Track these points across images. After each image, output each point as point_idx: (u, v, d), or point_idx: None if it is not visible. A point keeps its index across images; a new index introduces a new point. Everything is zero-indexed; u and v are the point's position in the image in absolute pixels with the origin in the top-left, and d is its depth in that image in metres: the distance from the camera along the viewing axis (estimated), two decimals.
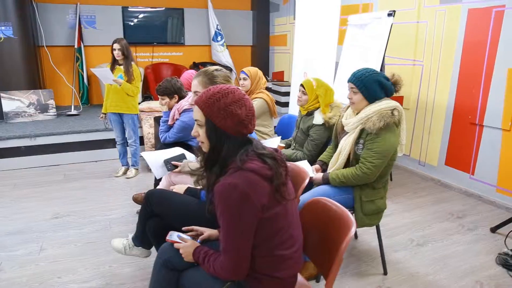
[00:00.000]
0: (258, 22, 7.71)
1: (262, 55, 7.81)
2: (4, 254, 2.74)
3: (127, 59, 3.91)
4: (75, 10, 6.50)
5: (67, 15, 6.57)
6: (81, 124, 5.00)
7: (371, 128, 2.13)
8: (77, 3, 6.47)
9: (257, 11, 7.68)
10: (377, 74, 2.22)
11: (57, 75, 6.33)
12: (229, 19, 7.53)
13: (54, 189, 3.95)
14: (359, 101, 2.23)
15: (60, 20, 6.52)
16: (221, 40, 7.21)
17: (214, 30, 7.20)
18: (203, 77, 2.04)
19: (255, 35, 7.83)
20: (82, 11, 6.59)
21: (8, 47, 5.41)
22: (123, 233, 2.96)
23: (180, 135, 2.96)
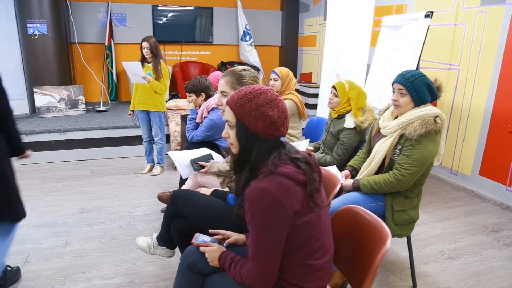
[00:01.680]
0: (287, 22, 7.64)
1: (290, 55, 7.73)
2: (32, 247, 2.78)
3: (155, 57, 3.91)
4: (106, 8, 6.60)
5: (99, 13, 6.68)
6: (109, 121, 5.05)
7: (412, 134, 2.02)
8: (108, 1, 6.57)
9: (286, 11, 7.62)
10: (426, 77, 2.11)
11: (88, 71, 6.44)
12: (258, 19, 7.49)
13: (81, 184, 4.00)
14: (405, 104, 2.11)
15: (92, 17, 6.64)
16: (250, 40, 7.18)
17: (242, 29, 7.18)
18: (230, 77, 1.99)
19: (283, 36, 7.77)
20: (114, 9, 6.69)
21: (42, 43, 5.54)
22: (147, 231, 2.96)
23: (208, 133, 2.93)
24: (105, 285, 2.35)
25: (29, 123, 4.97)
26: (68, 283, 2.37)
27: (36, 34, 5.49)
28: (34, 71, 5.59)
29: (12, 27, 5.66)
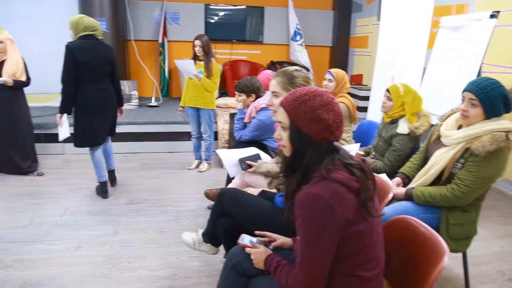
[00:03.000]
0: (338, 23, 7.50)
1: (340, 56, 7.59)
2: (84, 233, 2.91)
3: (207, 55, 3.97)
4: (161, 7, 6.80)
5: (154, 11, 6.90)
6: (160, 116, 5.20)
7: (479, 149, 1.84)
8: (163, 0, 6.77)
9: (338, 11, 7.48)
10: (502, 87, 1.88)
11: (141, 67, 6.67)
12: (309, 19, 7.41)
13: (131, 176, 4.14)
14: (475, 116, 1.91)
15: (148, 16, 6.88)
16: (300, 40, 7.12)
17: (293, 29, 7.13)
18: (281, 77, 1.97)
19: (334, 36, 7.63)
20: (168, 8, 6.88)
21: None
22: (192, 226, 3.00)
23: (256, 133, 2.92)
24: (150, 276, 2.41)
25: None
26: (116, 270, 2.46)
27: None
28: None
29: None
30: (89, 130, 3.36)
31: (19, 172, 4.08)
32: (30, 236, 2.87)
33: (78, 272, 2.43)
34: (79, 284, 2.32)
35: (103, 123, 3.45)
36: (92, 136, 3.41)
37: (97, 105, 3.36)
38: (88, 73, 3.23)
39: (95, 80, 3.29)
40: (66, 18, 5.82)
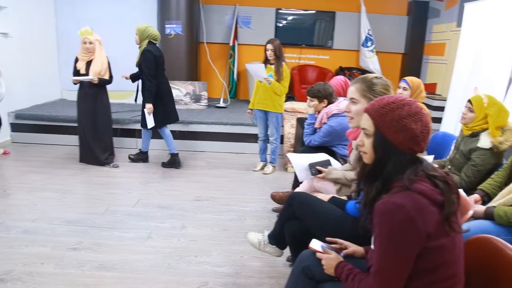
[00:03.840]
0: (413, 29, 7.21)
1: (413, 64, 7.28)
2: (154, 225, 3.07)
3: (278, 59, 4.01)
4: (233, 11, 6.99)
5: (226, 15, 7.11)
6: (228, 117, 5.34)
7: None
8: (236, 5, 6.95)
9: (413, 17, 7.19)
10: None
11: (211, 69, 6.89)
12: (381, 24, 7.20)
13: (198, 173, 4.30)
14: None
15: (220, 19, 7.10)
16: (371, 46, 6.94)
17: (364, 35, 6.97)
18: (361, 84, 1.93)
19: (408, 42, 7.35)
20: (240, 12, 7.05)
21: (176, 42, 6.11)
22: (256, 227, 3.04)
23: (325, 139, 2.91)
24: (214, 272, 2.48)
25: None
26: (182, 263, 2.56)
27: (172, 34, 6.06)
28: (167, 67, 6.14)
29: (153, 26, 6.31)
30: (165, 112, 4.32)
31: (97, 163, 4.41)
32: (107, 222, 3.09)
33: (148, 260, 2.57)
34: (149, 272, 2.45)
35: (171, 105, 4.44)
36: (167, 116, 4.38)
37: (168, 92, 4.40)
38: (160, 69, 4.23)
39: (162, 74, 4.31)
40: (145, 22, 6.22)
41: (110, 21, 6.16)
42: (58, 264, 2.51)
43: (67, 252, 2.65)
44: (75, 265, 2.50)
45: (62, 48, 6.51)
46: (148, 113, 4.16)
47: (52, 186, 3.84)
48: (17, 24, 5.44)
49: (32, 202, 3.44)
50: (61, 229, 2.97)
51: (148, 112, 4.15)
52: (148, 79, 4.06)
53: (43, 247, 2.70)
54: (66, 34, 6.37)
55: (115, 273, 2.42)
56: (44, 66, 6.18)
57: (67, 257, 2.58)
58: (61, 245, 2.73)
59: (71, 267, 2.47)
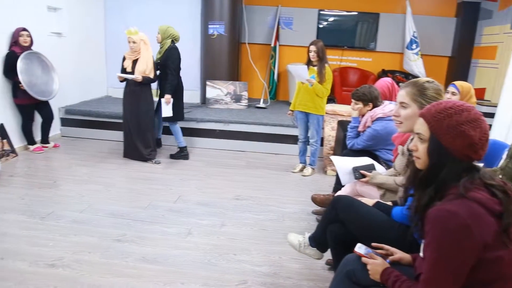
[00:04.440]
0: (461, 31, 6.94)
1: (460, 68, 7.01)
2: (194, 221, 3.14)
3: (321, 61, 3.99)
4: (275, 12, 7.00)
5: (268, 16, 7.14)
6: (268, 118, 5.36)
7: None
8: (278, 6, 6.96)
9: (462, 18, 6.91)
10: None
11: (252, 69, 6.94)
12: (428, 26, 6.97)
13: (237, 173, 4.35)
14: None
15: (262, 20, 7.14)
16: (416, 49, 6.75)
17: (409, 37, 6.78)
18: (411, 88, 1.88)
19: (455, 45, 7.08)
20: (282, 13, 7.05)
21: (218, 43, 6.20)
22: (295, 228, 3.03)
23: (369, 143, 2.86)
24: (253, 271, 2.50)
25: (200, 112, 5.61)
26: (222, 260, 2.60)
27: (215, 34, 6.15)
28: (208, 67, 6.29)
29: (196, 27, 6.48)
30: (180, 109, 4.69)
31: (140, 159, 4.55)
32: (149, 217, 3.19)
33: (188, 256, 2.63)
34: (189, 267, 2.50)
35: (182, 103, 4.78)
36: (181, 113, 4.74)
37: (182, 91, 4.72)
38: (179, 67, 4.56)
39: (179, 73, 4.61)
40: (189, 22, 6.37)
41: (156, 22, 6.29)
42: (103, 254, 2.61)
43: (112, 243, 2.75)
44: (119, 256, 2.59)
45: (109, 47, 6.78)
46: (166, 103, 4.45)
47: (97, 179, 4.00)
48: (70, 25, 5.72)
49: (80, 194, 3.60)
50: (106, 221, 3.09)
51: (166, 102, 4.44)
52: (173, 74, 4.45)
53: (90, 237, 2.82)
54: (114, 34, 6.63)
55: (157, 266, 2.49)
56: (92, 64, 6.46)
57: (112, 248, 2.69)
58: (106, 236, 2.84)
59: (116, 258, 2.57)
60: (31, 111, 4.74)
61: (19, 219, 3.09)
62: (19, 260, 2.51)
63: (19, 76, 4.33)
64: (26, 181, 3.90)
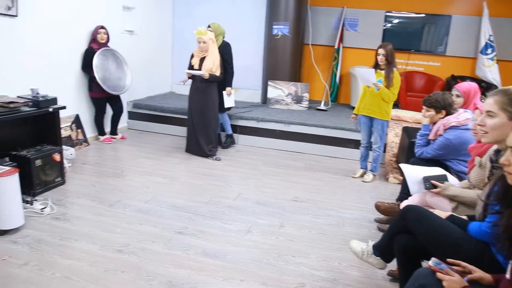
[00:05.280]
0: None
1: None
2: (253, 220, 3.17)
3: (389, 65, 3.86)
4: (340, 13, 6.87)
5: (333, 17, 7.02)
6: (328, 120, 5.28)
7: None
8: (344, 7, 6.82)
9: None
10: None
11: (314, 71, 6.87)
12: (506, 29, 6.48)
13: (296, 174, 4.33)
14: None
15: (326, 21, 7.03)
16: (491, 53, 6.31)
17: (485, 41, 6.35)
18: (501, 97, 1.74)
19: None
20: (347, 14, 6.91)
21: (282, 43, 6.21)
22: (356, 235, 2.96)
23: (440, 152, 2.73)
24: (311, 275, 2.47)
25: (260, 112, 5.66)
26: (280, 261, 2.60)
27: (279, 34, 6.17)
28: (271, 67, 6.32)
29: (260, 28, 6.53)
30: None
31: (202, 154, 4.68)
32: (210, 212, 3.26)
33: (247, 253, 2.66)
34: (248, 265, 2.53)
35: None
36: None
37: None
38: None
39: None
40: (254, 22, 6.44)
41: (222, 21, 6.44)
42: (166, 244, 2.72)
43: (174, 235, 2.86)
44: (181, 248, 2.68)
45: (176, 45, 7.04)
46: (228, 95, 4.81)
47: (161, 172, 4.17)
48: (141, 23, 6.01)
49: (145, 185, 3.77)
50: (169, 213, 3.21)
51: (227, 94, 4.80)
52: (231, 67, 4.81)
53: (154, 227, 2.95)
54: (180, 33, 6.88)
55: (217, 261, 2.55)
56: (159, 61, 6.74)
57: (174, 240, 2.79)
58: (169, 228, 2.95)
59: (177, 249, 2.66)
60: (103, 104, 5.04)
61: (90, 204, 3.30)
62: (91, 243, 2.69)
63: (94, 71, 4.62)
64: (96, 170, 4.16)
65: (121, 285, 2.26)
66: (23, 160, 3.35)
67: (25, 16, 3.98)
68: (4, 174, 2.69)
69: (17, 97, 3.61)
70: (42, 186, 3.48)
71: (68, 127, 4.70)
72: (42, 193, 3.45)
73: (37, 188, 3.43)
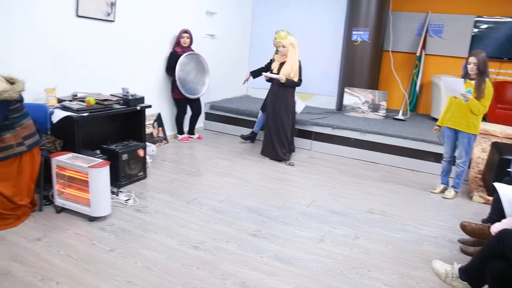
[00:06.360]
0: None
1: None
2: (327, 228, 3.12)
3: (481, 75, 3.59)
4: (424, 19, 6.54)
5: (416, 23, 6.70)
6: (406, 130, 5.05)
7: None
8: (428, 12, 6.49)
9: None
10: None
11: (393, 79, 6.60)
12: None
13: (370, 185, 4.19)
14: None
15: (408, 27, 6.73)
16: None
17: None
18: None
19: None
20: (431, 19, 6.56)
21: (361, 50, 6.06)
22: (436, 255, 2.79)
23: None
24: None
25: (335, 119, 5.56)
26: (354, 274, 2.52)
27: (358, 40, 6.02)
28: (348, 73, 6.19)
29: (339, 33, 6.43)
30: None
31: (275, 158, 4.73)
32: (283, 217, 3.27)
33: (320, 262, 2.62)
34: (322, 274, 2.49)
35: None
36: None
37: None
38: None
39: None
40: (332, 27, 6.36)
41: (300, 27, 6.48)
42: (240, 245, 2.77)
43: (248, 236, 2.90)
44: (254, 250, 2.72)
45: (253, 49, 7.18)
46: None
47: (235, 173, 4.27)
48: (222, 28, 6.22)
49: (220, 185, 3.89)
50: (243, 214, 3.27)
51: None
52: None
53: (228, 227, 3.02)
54: (258, 37, 7.01)
55: (290, 267, 2.54)
56: (236, 64, 6.91)
57: (248, 241, 2.83)
58: (242, 229, 3.01)
59: (251, 251, 2.70)
60: (184, 104, 5.29)
61: (169, 200, 3.47)
62: (169, 237, 2.82)
63: (176, 73, 4.86)
64: (175, 167, 4.36)
65: (197, 281, 2.34)
66: (112, 153, 3.62)
67: (120, 22, 4.31)
68: (98, 166, 2.93)
69: (110, 95, 3.92)
70: (126, 179, 3.73)
71: (151, 125, 4.99)
72: (126, 185, 3.70)
73: (122, 181, 3.68)
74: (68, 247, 2.62)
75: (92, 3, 3.92)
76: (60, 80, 3.73)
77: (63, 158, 3.03)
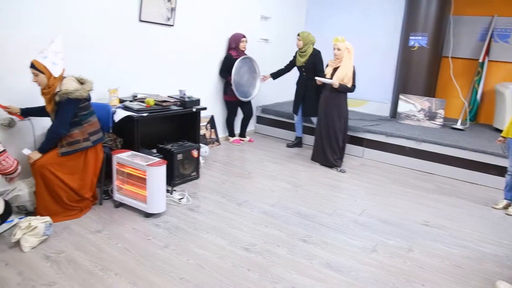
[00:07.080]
0: None
1: None
2: (379, 239, 3.04)
3: None
4: (488, 23, 6.19)
5: (479, 27, 6.36)
6: (466, 141, 4.79)
7: None
8: (494, 16, 6.14)
9: None
10: None
11: (452, 86, 6.31)
12: None
13: (426, 196, 4.03)
14: None
15: (470, 32, 6.40)
16: None
17: None
18: None
19: None
20: (497, 23, 6.19)
21: (418, 55, 5.85)
22: (498, 275, 2.64)
23: None
24: None
25: (389, 126, 5.41)
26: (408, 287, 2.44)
27: (416, 46, 5.83)
28: (404, 80, 5.99)
29: (395, 38, 6.25)
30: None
31: (326, 164, 4.68)
32: (334, 224, 3.23)
33: (372, 273, 2.56)
34: (373, 285, 2.43)
35: None
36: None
37: None
38: None
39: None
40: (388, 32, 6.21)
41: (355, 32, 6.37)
42: (290, 250, 2.77)
43: (298, 242, 2.90)
44: (305, 256, 2.71)
45: None
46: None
47: (285, 177, 4.27)
48: (275, 32, 6.25)
49: (270, 189, 3.91)
50: (294, 219, 3.27)
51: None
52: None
53: (279, 231, 3.03)
54: None
55: (341, 276, 2.50)
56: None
57: (298, 247, 2.82)
58: (293, 234, 3.00)
59: (301, 257, 2.69)
60: (236, 107, 5.38)
61: (220, 200, 3.54)
62: (220, 238, 2.88)
63: (232, 77, 4.95)
64: (226, 168, 4.44)
65: (248, 282, 2.36)
66: (168, 153, 3.75)
67: (179, 26, 4.46)
68: (155, 164, 3.05)
69: (167, 96, 4.07)
70: (180, 178, 3.85)
71: (204, 127, 5.12)
72: (179, 184, 3.82)
73: (176, 180, 3.81)
74: (126, 240, 2.75)
75: (154, 8, 4.10)
76: (122, 81, 3.93)
77: (123, 156, 3.19)
